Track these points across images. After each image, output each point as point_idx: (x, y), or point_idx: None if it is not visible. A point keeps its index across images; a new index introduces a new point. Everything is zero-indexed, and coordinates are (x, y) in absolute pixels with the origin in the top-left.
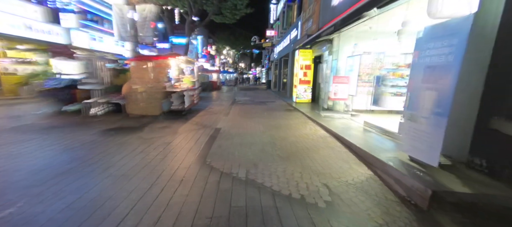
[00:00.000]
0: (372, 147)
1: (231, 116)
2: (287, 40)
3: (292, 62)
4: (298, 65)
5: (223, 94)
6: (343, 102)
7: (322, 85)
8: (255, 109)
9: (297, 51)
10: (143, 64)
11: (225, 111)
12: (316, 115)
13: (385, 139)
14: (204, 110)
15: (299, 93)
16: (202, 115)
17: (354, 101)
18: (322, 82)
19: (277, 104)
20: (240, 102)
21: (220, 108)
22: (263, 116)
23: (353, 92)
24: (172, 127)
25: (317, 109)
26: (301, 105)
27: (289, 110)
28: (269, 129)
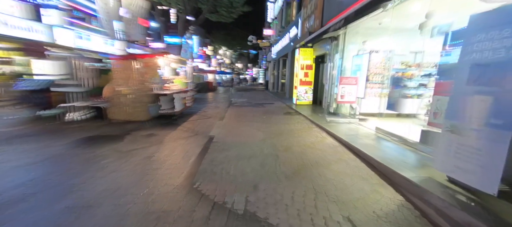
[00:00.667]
0: (394, 161)
1: (227, 120)
2: (286, 39)
3: (292, 62)
4: (299, 65)
5: (219, 96)
6: (349, 105)
7: (326, 86)
8: (253, 112)
9: (297, 50)
10: (128, 63)
11: (220, 115)
12: (320, 119)
13: (405, 149)
14: (197, 114)
15: (300, 94)
16: (194, 119)
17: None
18: (326, 83)
19: (276, 106)
20: (237, 104)
21: (215, 111)
22: (262, 120)
23: (361, 94)
24: (159, 135)
25: (320, 112)
26: (302, 107)
27: (289, 113)
28: (269, 137)
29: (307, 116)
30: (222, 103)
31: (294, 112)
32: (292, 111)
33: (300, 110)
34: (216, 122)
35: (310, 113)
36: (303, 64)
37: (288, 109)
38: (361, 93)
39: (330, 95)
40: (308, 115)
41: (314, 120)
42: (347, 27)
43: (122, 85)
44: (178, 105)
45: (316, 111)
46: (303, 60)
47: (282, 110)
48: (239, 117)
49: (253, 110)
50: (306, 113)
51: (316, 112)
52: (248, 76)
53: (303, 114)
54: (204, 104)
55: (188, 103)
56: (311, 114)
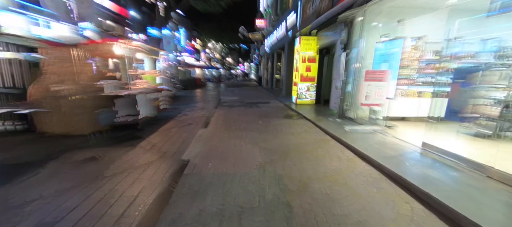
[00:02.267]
0: None
1: (212, 129)
2: (281, 29)
3: (290, 55)
4: (299, 58)
5: (207, 93)
6: (369, 108)
7: (337, 83)
8: (246, 115)
9: (298, 40)
10: (66, 53)
11: (205, 120)
12: (333, 126)
13: (501, 190)
14: (175, 119)
15: (301, 92)
16: (168, 128)
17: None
18: (338, 80)
19: (273, 106)
20: (226, 104)
21: (199, 113)
22: (257, 128)
23: (391, 94)
24: (103, 159)
25: (328, 115)
26: (305, 108)
27: (291, 117)
28: (271, 159)
29: (314, 121)
30: (209, 103)
31: (296, 115)
32: (293, 113)
33: (303, 111)
34: (198, 132)
35: (317, 116)
36: (305, 56)
37: (288, 111)
38: (391, 92)
39: (347, 94)
40: (316, 119)
41: (327, 129)
42: (367, 5)
43: (58, 83)
44: (145, 110)
45: (323, 113)
46: (305, 51)
47: (281, 111)
48: (229, 123)
49: (246, 112)
50: (311, 116)
51: (323, 115)
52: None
53: (308, 118)
54: (188, 104)
55: (163, 105)
56: (318, 118)
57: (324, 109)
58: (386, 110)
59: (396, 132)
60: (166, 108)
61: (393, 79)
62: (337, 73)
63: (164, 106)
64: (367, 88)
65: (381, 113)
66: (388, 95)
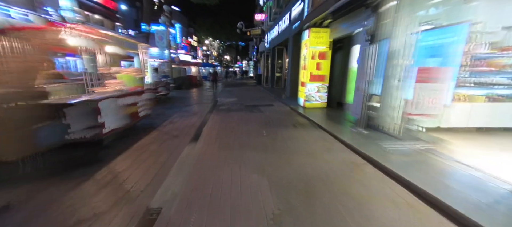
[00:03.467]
0: None
1: (202, 145)
2: (284, 22)
3: (295, 50)
4: (308, 54)
5: (203, 93)
6: (400, 117)
7: (364, 86)
8: (246, 122)
9: (306, 32)
10: None
11: (195, 130)
12: (364, 142)
13: None
14: (157, 129)
15: (310, 94)
16: (144, 145)
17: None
18: (362, 80)
19: (277, 110)
20: (223, 108)
21: (190, 120)
22: (262, 144)
23: (448, 100)
24: (17, 214)
25: (350, 124)
26: (316, 113)
27: (302, 125)
28: (288, 206)
29: (334, 133)
30: (204, 105)
31: (307, 122)
32: (303, 120)
33: (315, 118)
34: (183, 150)
35: (335, 125)
36: (315, 51)
37: (296, 116)
38: (448, 97)
39: (374, 99)
40: (335, 130)
41: (357, 147)
42: None
43: None
44: (115, 120)
45: (340, 120)
46: (315, 45)
47: (287, 117)
48: (225, 136)
49: (246, 119)
50: (328, 125)
51: (342, 123)
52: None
53: (324, 128)
54: (178, 108)
55: (143, 111)
56: (337, 127)
57: (339, 114)
58: (442, 120)
59: (452, 151)
60: (148, 114)
61: (452, 80)
62: (360, 72)
63: (145, 112)
64: (418, 92)
65: (423, 123)
66: (446, 101)
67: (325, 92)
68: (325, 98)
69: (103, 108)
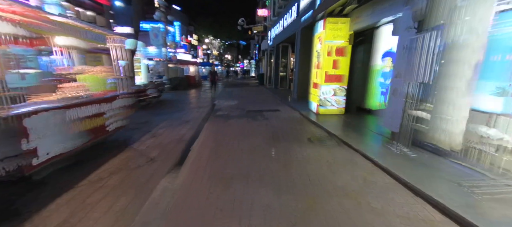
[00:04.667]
0: None
1: (187, 176)
2: (291, 15)
3: (303, 46)
4: (323, 49)
5: (200, 95)
6: (464, 130)
7: (406, 89)
8: (248, 136)
9: (321, 24)
10: None
11: (181, 148)
12: (422, 173)
13: None
14: (130, 147)
15: (325, 98)
16: (101, 177)
17: None
18: (400, 81)
19: (285, 117)
20: (221, 113)
21: (177, 132)
22: (272, 175)
23: None
24: None
25: (383, 138)
26: (333, 121)
27: (320, 140)
28: None
29: (370, 155)
30: (198, 110)
31: (325, 136)
32: (320, 132)
33: (335, 129)
34: (157, 185)
35: (364, 140)
36: (332, 46)
37: (309, 126)
38: None
39: (441, 111)
40: (369, 150)
41: (419, 187)
42: None
43: None
44: (58, 142)
45: (368, 132)
46: (332, 39)
47: (299, 128)
48: (219, 159)
49: (248, 130)
50: (356, 141)
51: (373, 137)
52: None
53: (353, 147)
54: (168, 114)
55: (114, 124)
56: (369, 145)
57: (362, 123)
58: None
59: None
60: (123, 126)
61: None
62: (399, 71)
63: (118, 124)
64: None
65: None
66: None
67: (343, 96)
68: (343, 102)
69: (34, 126)
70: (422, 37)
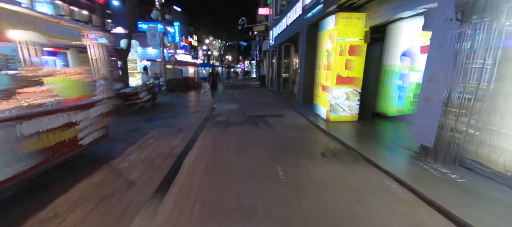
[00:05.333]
0: None
1: (171, 211)
2: (295, 12)
3: (309, 46)
4: (335, 48)
5: (199, 97)
6: None
7: (444, 93)
8: (251, 147)
9: (332, 19)
10: None
11: (169, 166)
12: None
13: None
14: (108, 163)
15: (336, 103)
16: (59, 213)
17: None
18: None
19: (291, 123)
20: (220, 119)
21: (168, 143)
22: (281, 201)
23: None
24: None
25: (412, 153)
26: (346, 130)
27: (336, 154)
28: None
29: (403, 179)
30: (195, 116)
31: (341, 149)
32: (333, 143)
33: (350, 140)
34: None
35: (390, 155)
36: (344, 44)
37: (320, 136)
38: None
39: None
40: (400, 171)
41: None
42: None
43: None
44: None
45: (390, 146)
46: (345, 37)
47: (309, 137)
48: (215, 183)
49: (251, 140)
50: (381, 158)
51: (397, 152)
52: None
53: (379, 166)
54: (160, 119)
55: (89, 136)
56: (397, 162)
57: (380, 130)
58: None
59: None
60: (103, 136)
61: None
62: (433, 72)
63: (95, 135)
64: None
65: None
66: None
67: (357, 100)
68: (357, 108)
69: None
70: (470, 30)
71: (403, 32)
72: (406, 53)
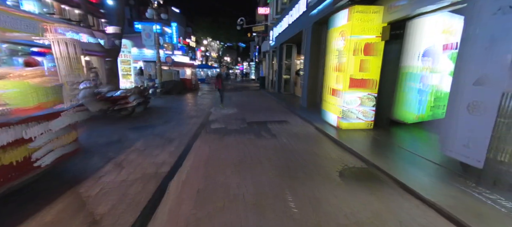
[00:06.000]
0: None
1: None
2: (297, 10)
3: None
4: (348, 47)
5: (196, 100)
6: None
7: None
8: (253, 165)
9: (344, 14)
10: None
11: (151, 190)
12: None
13: None
14: (73, 189)
15: (348, 109)
16: None
17: None
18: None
19: (297, 132)
20: (217, 127)
21: (154, 158)
22: None
23: None
24: None
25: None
26: (362, 140)
27: (358, 176)
28: None
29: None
30: (189, 122)
31: (363, 168)
32: (350, 158)
33: (373, 156)
34: None
35: (431, 179)
36: (359, 42)
37: (334, 149)
38: None
39: None
40: (466, 212)
41: None
42: None
43: None
44: None
45: (423, 163)
46: (359, 33)
47: (320, 150)
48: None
49: (252, 156)
50: (420, 183)
51: (433, 172)
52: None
53: (425, 198)
54: (150, 127)
55: (50, 155)
56: (448, 191)
57: (402, 141)
58: None
59: None
60: (69, 153)
61: None
62: (484, 74)
63: (59, 153)
64: None
65: None
66: None
67: (372, 106)
68: (372, 114)
69: None
70: None
71: (424, 29)
72: (428, 53)
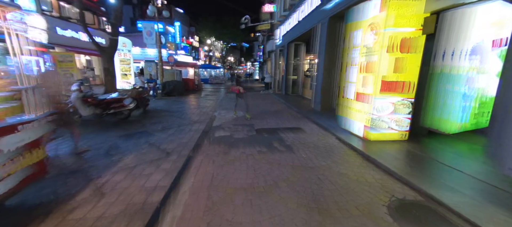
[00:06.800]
0: None
1: None
2: (310, 5)
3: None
4: (379, 42)
5: (199, 103)
6: None
7: None
8: (269, 192)
9: (373, 4)
10: None
11: None
12: None
13: None
14: None
15: (379, 117)
16: None
17: None
18: None
19: (315, 143)
20: (221, 135)
21: (144, 179)
22: None
23: None
24: None
25: None
26: (400, 156)
27: (419, 219)
28: None
29: None
30: (190, 129)
31: (416, 201)
32: (399, 187)
33: (424, 180)
34: None
35: None
36: (395, 37)
37: (366, 168)
38: None
39: None
40: None
41: None
42: None
43: None
44: None
45: (488, 189)
46: (397, 26)
47: (350, 170)
48: None
49: (266, 178)
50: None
51: (509, 203)
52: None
53: None
54: (144, 136)
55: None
56: None
57: (447, 157)
58: None
59: None
60: (28, 178)
61: None
62: None
63: (16, 179)
64: None
65: None
66: None
67: (408, 113)
68: (407, 123)
69: None
70: None
71: (470, 21)
72: (476, 50)
